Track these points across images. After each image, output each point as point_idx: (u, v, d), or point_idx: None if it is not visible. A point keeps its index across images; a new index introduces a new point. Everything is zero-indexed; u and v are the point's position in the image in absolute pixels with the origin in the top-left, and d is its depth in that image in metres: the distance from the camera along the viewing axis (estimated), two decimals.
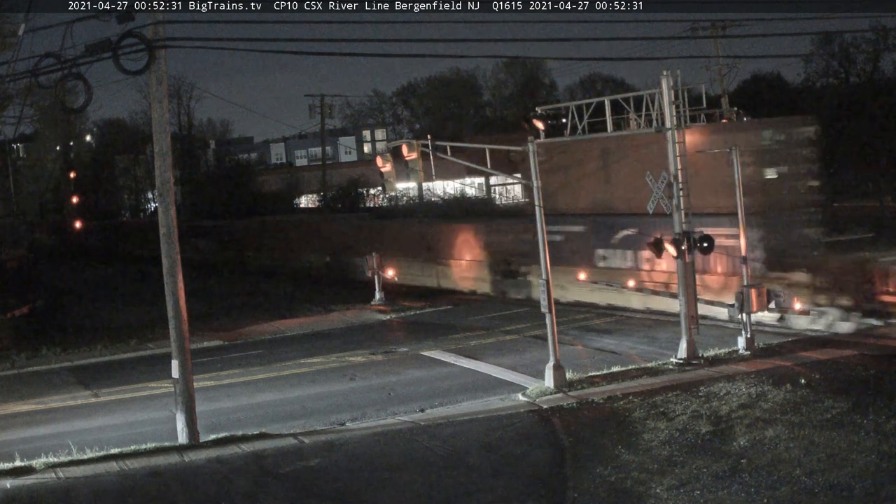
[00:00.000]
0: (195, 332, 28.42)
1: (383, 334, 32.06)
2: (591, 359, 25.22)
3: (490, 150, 25.21)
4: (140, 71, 18.51)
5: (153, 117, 19.48)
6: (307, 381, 25.20)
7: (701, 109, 25.78)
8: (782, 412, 18.40)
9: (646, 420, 18.78)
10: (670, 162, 23.97)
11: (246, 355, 29.30)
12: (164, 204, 19.35)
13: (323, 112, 66.20)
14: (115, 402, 24.14)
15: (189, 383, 19.23)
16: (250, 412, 22.01)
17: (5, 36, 31.20)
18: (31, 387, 26.57)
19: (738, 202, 25.82)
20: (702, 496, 14.65)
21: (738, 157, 25.99)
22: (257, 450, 18.47)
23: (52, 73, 18.08)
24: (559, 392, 21.44)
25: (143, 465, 17.87)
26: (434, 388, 23.34)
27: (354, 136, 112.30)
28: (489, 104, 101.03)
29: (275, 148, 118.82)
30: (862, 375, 20.85)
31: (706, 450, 16.74)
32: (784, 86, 78.34)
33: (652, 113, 24.08)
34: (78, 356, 30.68)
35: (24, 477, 17.36)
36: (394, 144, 25.22)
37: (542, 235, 22.50)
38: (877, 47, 61.91)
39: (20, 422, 22.54)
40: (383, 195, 65.38)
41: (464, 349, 27.71)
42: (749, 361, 23.08)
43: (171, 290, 19.25)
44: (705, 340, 24.97)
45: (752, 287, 24.46)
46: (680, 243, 23.39)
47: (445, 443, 18.32)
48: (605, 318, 31.34)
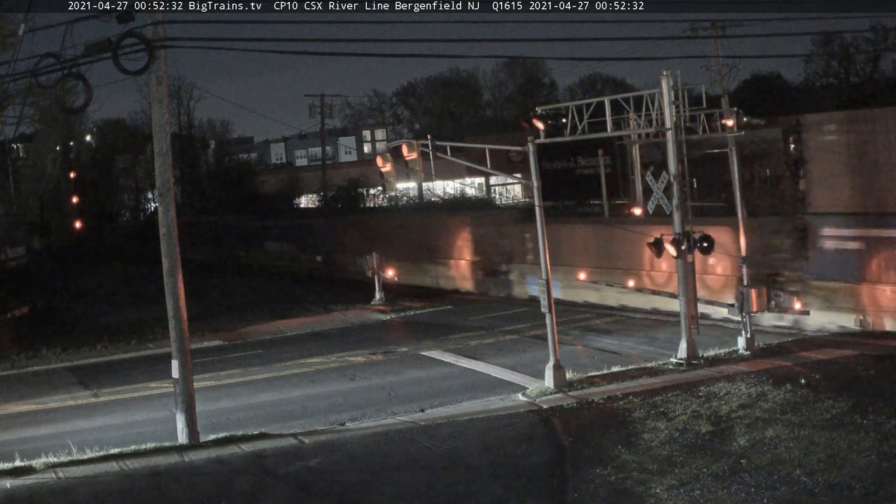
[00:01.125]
0: (195, 332, 28.43)
1: (383, 334, 32.07)
2: (591, 359, 25.22)
3: (490, 150, 25.21)
4: (140, 71, 18.49)
5: (153, 117, 19.48)
6: (307, 381, 25.20)
7: (701, 109, 25.73)
8: (782, 412, 18.40)
9: (646, 420, 18.79)
10: (670, 162, 23.97)
11: (246, 355, 29.30)
12: (164, 204, 19.35)
13: (323, 112, 66.20)
14: (115, 402, 24.14)
15: (189, 383, 19.23)
16: (250, 412, 22.01)
17: (5, 36, 31.19)
18: (31, 387, 26.57)
19: (738, 202, 25.84)
20: (702, 496, 14.65)
21: (735, 156, 26.01)
22: (257, 450, 18.47)
23: (52, 73, 18.08)
24: (559, 392, 21.44)
25: (143, 465, 17.86)
26: (434, 388, 23.34)
27: (354, 136, 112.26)
28: (489, 104, 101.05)
29: (275, 148, 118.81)
30: (862, 375, 20.86)
31: (706, 450, 16.74)
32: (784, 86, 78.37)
33: (652, 113, 24.05)
34: (78, 356, 30.68)
35: (24, 477, 17.36)
36: (394, 144, 25.25)
37: (541, 235, 22.49)
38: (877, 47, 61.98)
39: (20, 422, 22.54)
40: (383, 195, 65.36)
41: (464, 349, 27.71)
42: (749, 361, 23.09)
43: (171, 290, 19.25)
44: (705, 340, 24.98)
45: (751, 287, 24.47)
46: (679, 243, 23.40)
47: (445, 443, 18.32)
48: (605, 318, 31.35)
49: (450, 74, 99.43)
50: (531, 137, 23.04)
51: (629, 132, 28.74)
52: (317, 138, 79.82)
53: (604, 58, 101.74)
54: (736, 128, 25.18)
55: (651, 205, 33.68)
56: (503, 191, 64.38)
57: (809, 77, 70.04)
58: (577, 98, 52.51)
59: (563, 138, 24.68)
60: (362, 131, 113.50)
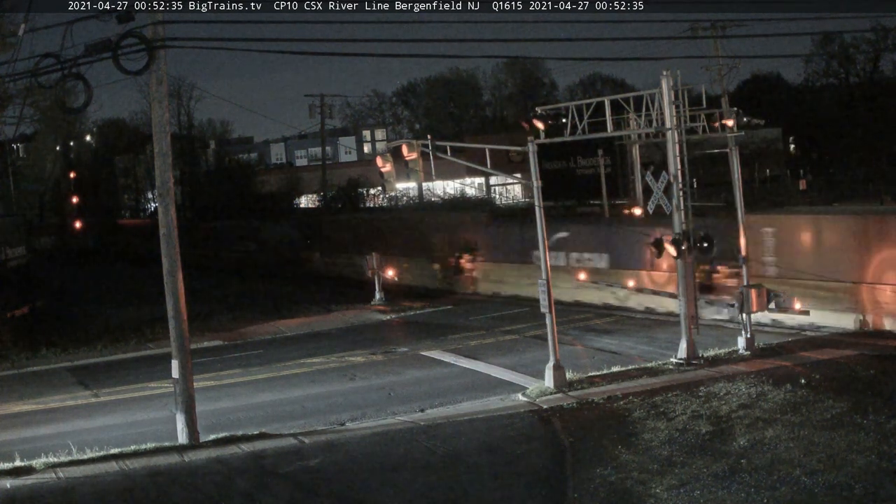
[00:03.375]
0: (195, 332, 28.44)
1: (383, 334, 32.07)
2: (591, 359, 25.22)
3: (490, 150, 25.19)
4: (140, 71, 18.50)
5: (153, 117, 19.47)
6: (307, 381, 25.20)
7: (701, 109, 25.70)
8: (782, 412, 18.40)
9: (646, 420, 18.79)
10: (670, 162, 23.96)
11: (246, 355, 29.31)
12: (164, 204, 19.35)
13: (323, 112, 66.18)
14: (115, 402, 24.15)
15: (189, 383, 19.23)
16: (250, 412, 22.01)
17: (5, 36, 31.18)
18: (31, 387, 26.57)
19: (738, 202, 25.82)
20: (702, 496, 14.65)
21: (736, 156, 25.99)
22: (257, 450, 18.47)
23: (52, 73, 18.08)
24: (559, 392, 21.44)
25: (143, 465, 17.87)
26: (434, 388, 23.34)
27: (354, 136, 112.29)
28: (489, 104, 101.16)
29: (275, 148, 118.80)
30: (862, 375, 20.85)
31: (706, 450, 16.74)
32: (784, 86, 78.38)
33: (652, 113, 24.03)
34: (78, 356, 30.69)
35: (24, 477, 17.36)
36: (394, 144, 25.26)
37: (541, 235, 22.49)
38: (877, 47, 61.97)
39: (20, 422, 22.55)
40: (383, 195, 65.41)
41: (464, 349, 27.71)
42: (749, 361, 23.08)
43: (171, 290, 19.24)
44: (705, 340, 24.98)
45: (751, 287, 24.47)
46: (680, 243, 23.39)
47: (445, 443, 18.32)
48: (604, 318, 31.34)
49: (450, 74, 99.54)
50: (531, 137, 23.02)
51: (629, 132, 28.70)
52: (317, 138, 79.80)
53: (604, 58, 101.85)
54: (736, 128, 25.17)
55: (651, 205, 33.60)
56: (503, 191, 64.46)
57: (809, 77, 70.10)
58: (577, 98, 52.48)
59: (563, 138, 24.67)
60: (362, 131, 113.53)
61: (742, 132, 25.84)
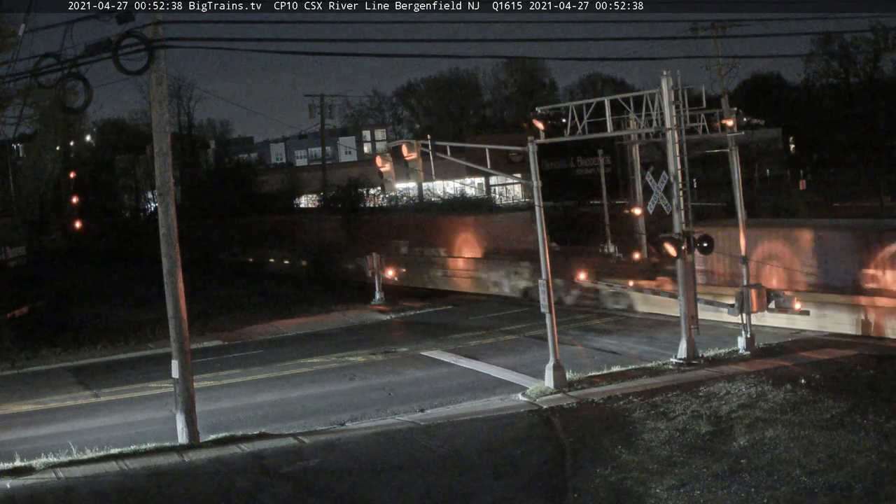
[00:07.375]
0: (195, 332, 28.43)
1: (383, 334, 32.06)
2: (591, 359, 25.22)
3: (490, 150, 25.18)
4: (140, 71, 18.49)
5: (153, 117, 19.47)
6: (307, 381, 25.20)
7: (701, 109, 25.71)
8: (782, 412, 18.40)
9: (646, 420, 18.79)
10: (670, 162, 23.97)
11: (246, 355, 29.30)
12: (164, 204, 19.35)
13: (323, 112, 66.25)
14: (115, 402, 24.14)
15: (189, 383, 19.23)
16: (250, 412, 22.01)
17: (5, 36, 31.21)
18: (31, 387, 26.56)
19: (738, 202, 25.82)
20: (702, 496, 14.65)
21: (736, 156, 26.00)
22: (257, 450, 18.47)
23: (52, 73, 18.09)
24: (559, 392, 21.44)
25: (143, 465, 17.87)
26: (434, 388, 23.34)
27: (354, 136, 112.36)
28: (489, 104, 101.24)
29: (275, 148, 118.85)
30: (862, 375, 20.86)
31: (706, 450, 16.74)
32: (784, 86, 78.37)
33: (652, 113, 24.04)
34: (78, 356, 30.66)
35: (24, 477, 17.36)
36: (394, 144, 25.21)
37: (541, 235, 22.49)
38: (877, 47, 61.91)
39: (20, 422, 22.54)
40: (383, 195, 65.41)
41: (464, 349, 27.71)
42: (749, 361, 23.08)
43: (171, 290, 19.24)
44: (705, 340, 24.97)
45: (751, 287, 24.46)
46: (680, 243, 23.40)
47: (445, 443, 18.32)
48: (605, 318, 31.34)
49: (450, 74, 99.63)
50: (531, 137, 23.02)
51: (629, 132, 28.74)
52: (317, 138, 79.87)
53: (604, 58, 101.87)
54: (736, 128, 25.18)
55: (651, 205, 33.66)
56: (503, 191, 64.47)
57: (809, 77, 70.03)
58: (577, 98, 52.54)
59: (563, 138, 24.67)
60: (362, 131, 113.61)
61: (742, 132, 25.85)
